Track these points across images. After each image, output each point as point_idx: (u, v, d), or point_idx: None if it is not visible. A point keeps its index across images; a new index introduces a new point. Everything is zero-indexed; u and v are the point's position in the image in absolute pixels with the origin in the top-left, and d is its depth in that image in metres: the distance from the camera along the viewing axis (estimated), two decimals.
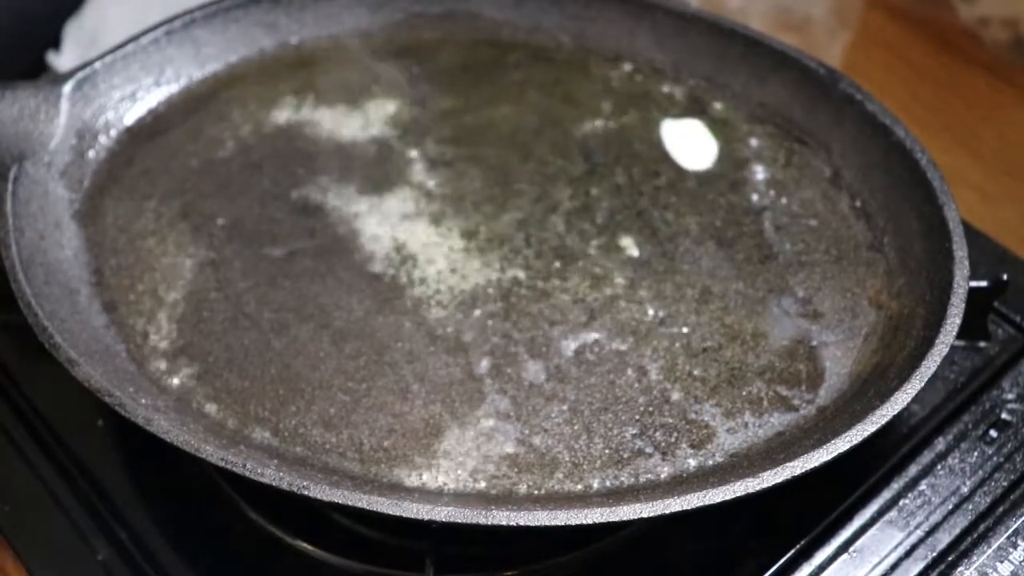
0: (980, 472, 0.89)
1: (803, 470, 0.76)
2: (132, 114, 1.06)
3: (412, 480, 0.82)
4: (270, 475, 0.75)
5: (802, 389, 0.87)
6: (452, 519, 0.73)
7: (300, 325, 0.91)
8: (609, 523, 0.73)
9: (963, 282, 0.86)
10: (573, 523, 0.73)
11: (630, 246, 0.97)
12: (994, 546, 0.84)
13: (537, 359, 0.89)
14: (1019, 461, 0.89)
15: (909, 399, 0.79)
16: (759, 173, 1.03)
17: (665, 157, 1.05)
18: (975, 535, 0.85)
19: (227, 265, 0.96)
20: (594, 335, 0.91)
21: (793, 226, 0.99)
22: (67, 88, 1.00)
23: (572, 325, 0.91)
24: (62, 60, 1.26)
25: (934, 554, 0.85)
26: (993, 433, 0.91)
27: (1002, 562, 0.84)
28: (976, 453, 0.90)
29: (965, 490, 0.88)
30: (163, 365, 0.88)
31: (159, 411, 0.82)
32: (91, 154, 1.02)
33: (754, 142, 1.05)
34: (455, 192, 1.01)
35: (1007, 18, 1.37)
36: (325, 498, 0.74)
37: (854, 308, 0.92)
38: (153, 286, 0.94)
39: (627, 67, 1.12)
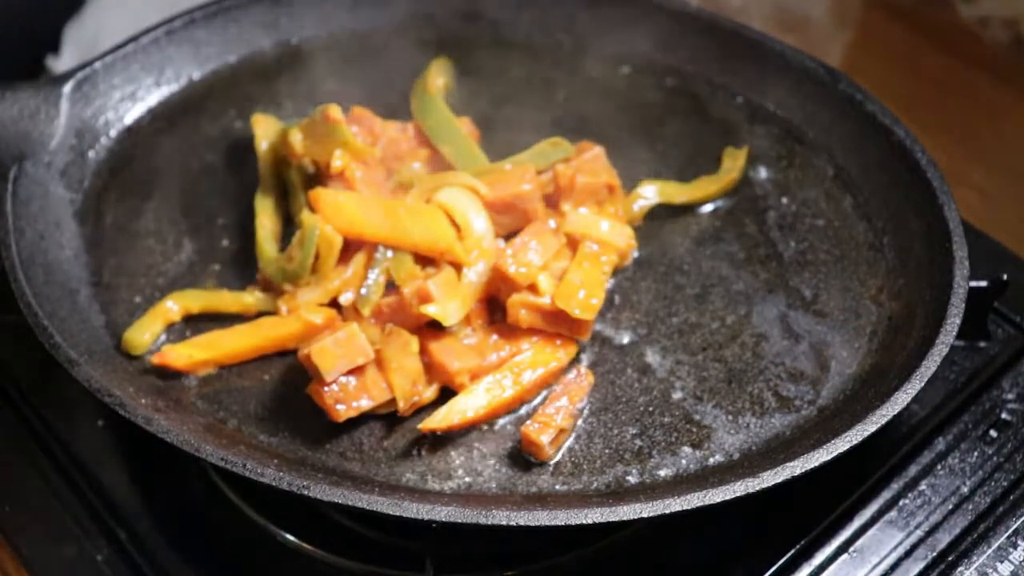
0: (980, 472, 0.89)
1: (803, 470, 0.76)
2: (132, 114, 1.06)
3: (412, 480, 0.82)
4: (270, 475, 0.75)
5: (803, 389, 0.87)
6: (452, 519, 0.73)
7: None
8: (609, 523, 0.73)
9: (963, 282, 0.87)
10: (573, 523, 0.73)
11: None
12: (994, 546, 0.84)
13: None
14: (1019, 461, 0.89)
15: (909, 399, 0.79)
16: (761, 173, 1.03)
17: (666, 157, 1.05)
18: (975, 535, 0.85)
19: (227, 265, 0.96)
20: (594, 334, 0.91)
21: (797, 225, 0.99)
22: (67, 88, 1.00)
23: None
24: (61, 63, 1.26)
25: (934, 554, 0.85)
26: (993, 433, 0.91)
27: (1002, 562, 0.84)
28: (976, 453, 0.90)
29: (965, 490, 0.88)
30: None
31: (159, 411, 0.82)
32: (91, 154, 1.02)
33: (756, 142, 1.05)
34: None
35: (1007, 18, 1.37)
36: (325, 498, 0.74)
37: (857, 308, 0.92)
38: (153, 286, 0.94)
39: (627, 68, 1.12)
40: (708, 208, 1.01)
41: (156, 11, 1.14)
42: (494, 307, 0.91)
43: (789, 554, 0.85)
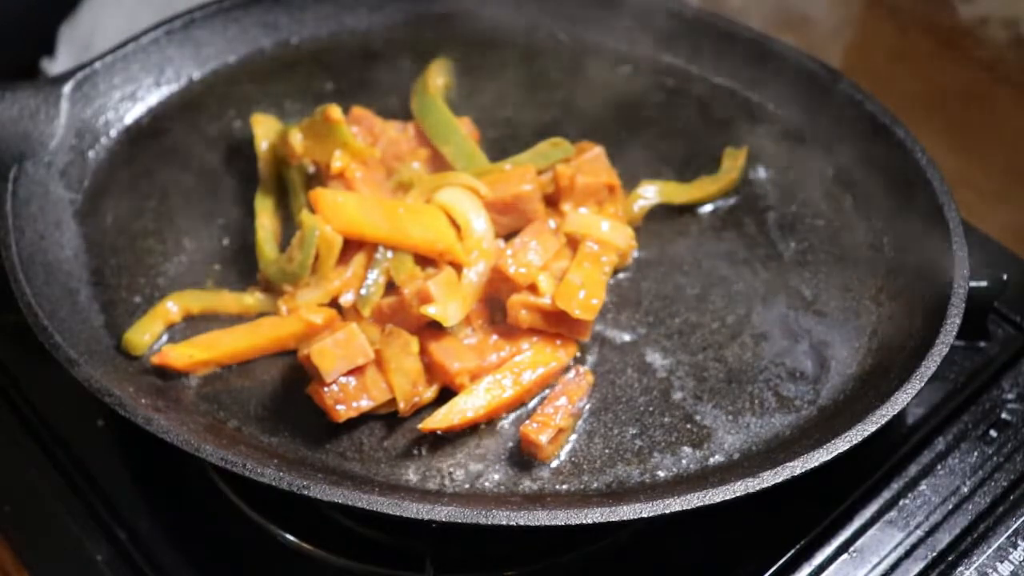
0: (980, 472, 0.89)
1: (803, 470, 0.76)
2: (132, 114, 1.06)
3: (412, 480, 0.82)
4: (270, 475, 0.75)
5: (803, 389, 0.87)
6: (452, 519, 0.73)
7: None
8: (609, 523, 0.73)
9: (963, 282, 0.87)
10: (573, 523, 0.73)
11: None
12: (994, 546, 0.84)
13: None
14: (1019, 461, 0.89)
15: (909, 399, 0.79)
16: (761, 173, 1.03)
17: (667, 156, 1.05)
18: (975, 535, 0.85)
19: (227, 265, 0.96)
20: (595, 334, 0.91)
21: (797, 225, 0.99)
22: (67, 88, 1.00)
23: None
24: (57, 63, 1.25)
25: (934, 554, 0.85)
26: (993, 433, 0.91)
27: (1002, 562, 0.84)
28: (976, 453, 0.90)
29: (965, 490, 0.88)
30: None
31: (159, 411, 0.82)
32: (91, 154, 1.02)
33: (756, 142, 1.05)
34: None
35: (1007, 18, 1.37)
36: (325, 498, 0.74)
37: (856, 308, 0.93)
38: (153, 286, 0.94)
39: (627, 67, 1.12)
40: (708, 208, 1.01)
41: (151, 11, 1.14)
42: (494, 307, 0.91)
43: (789, 554, 0.85)
